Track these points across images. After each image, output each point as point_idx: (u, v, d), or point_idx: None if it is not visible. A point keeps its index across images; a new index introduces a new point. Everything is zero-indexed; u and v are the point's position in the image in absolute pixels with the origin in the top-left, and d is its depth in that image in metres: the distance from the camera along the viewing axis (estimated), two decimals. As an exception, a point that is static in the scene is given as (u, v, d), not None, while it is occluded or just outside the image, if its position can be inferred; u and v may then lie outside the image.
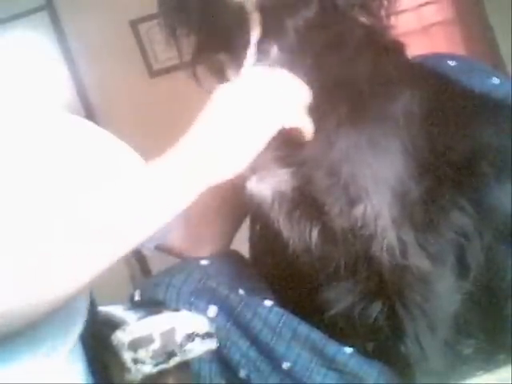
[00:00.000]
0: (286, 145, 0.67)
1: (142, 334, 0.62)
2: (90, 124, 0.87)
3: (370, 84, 0.66)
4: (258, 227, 0.83)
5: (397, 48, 0.72)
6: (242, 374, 0.68)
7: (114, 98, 2.61)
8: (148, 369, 0.62)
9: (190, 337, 0.64)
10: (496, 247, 0.66)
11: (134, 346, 0.62)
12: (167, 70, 2.59)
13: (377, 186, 0.64)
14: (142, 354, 0.62)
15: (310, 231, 0.68)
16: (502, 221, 0.66)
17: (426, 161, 0.65)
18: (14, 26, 2.60)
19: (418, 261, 0.64)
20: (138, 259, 2.27)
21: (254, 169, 0.67)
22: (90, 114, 2.64)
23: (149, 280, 0.85)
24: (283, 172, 0.67)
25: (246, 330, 0.70)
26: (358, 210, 0.64)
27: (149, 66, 2.69)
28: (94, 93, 2.69)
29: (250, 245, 0.92)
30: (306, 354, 0.67)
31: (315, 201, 0.66)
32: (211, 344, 0.66)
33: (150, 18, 2.58)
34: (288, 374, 0.67)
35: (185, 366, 0.65)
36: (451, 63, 0.90)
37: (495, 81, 0.89)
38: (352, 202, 0.65)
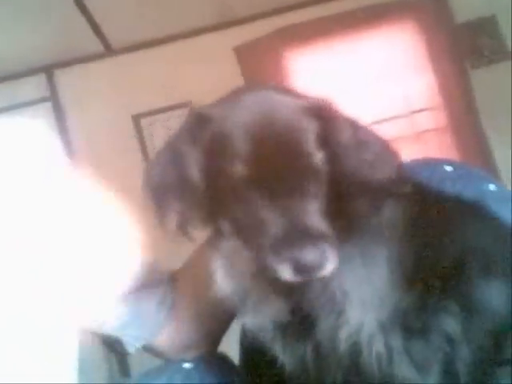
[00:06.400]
0: None
1: None
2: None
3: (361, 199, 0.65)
4: (249, 336, 0.79)
5: None
6: None
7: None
8: None
9: None
10: (484, 351, 0.63)
11: None
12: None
13: (365, 296, 0.63)
14: None
15: (305, 349, 0.65)
16: (490, 322, 0.63)
17: (413, 268, 0.64)
18: (17, 115, 2.67)
19: (404, 369, 0.61)
20: (118, 359, 2.17)
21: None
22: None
23: (128, 382, 0.80)
24: (279, 300, 0.65)
25: None
26: (346, 320, 0.63)
27: (147, 158, 2.74)
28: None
29: (240, 349, 0.87)
30: None
31: (308, 318, 0.65)
32: None
33: (152, 112, 2.69)
34: None
35: None
36: (448, 168, 0.90)
37: (491, 187, 0.89)
38: (341, 313, 0.63)
